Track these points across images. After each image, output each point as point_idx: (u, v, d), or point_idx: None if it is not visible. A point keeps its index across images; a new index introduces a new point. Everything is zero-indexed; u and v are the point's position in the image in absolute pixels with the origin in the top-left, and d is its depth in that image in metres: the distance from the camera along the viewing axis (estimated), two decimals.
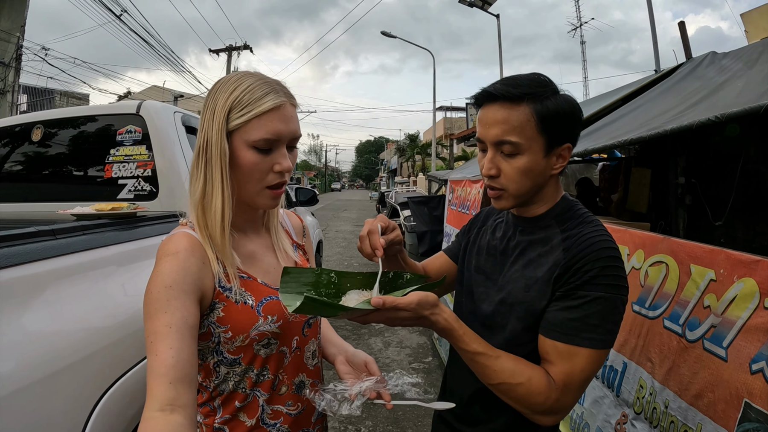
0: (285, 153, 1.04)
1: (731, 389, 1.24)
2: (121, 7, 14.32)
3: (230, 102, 1.00)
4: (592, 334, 0.96)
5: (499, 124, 1.02)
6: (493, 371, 0.98)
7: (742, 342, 1.23)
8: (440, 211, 6.84)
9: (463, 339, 0.98)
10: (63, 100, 24.79)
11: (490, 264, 1.20)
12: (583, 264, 0.98)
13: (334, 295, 1.05)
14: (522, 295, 1.07)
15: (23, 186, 2.62)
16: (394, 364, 4.55)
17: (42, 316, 1.18)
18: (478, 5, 15.65)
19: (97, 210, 1.75)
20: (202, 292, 0.97)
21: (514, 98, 1.01)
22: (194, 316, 0.91)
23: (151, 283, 0.92)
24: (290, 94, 1.06)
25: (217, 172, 1.01)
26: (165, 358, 0.82)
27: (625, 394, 1.72)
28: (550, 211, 1.12)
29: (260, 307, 1.04)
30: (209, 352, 1.03)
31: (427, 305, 0.93)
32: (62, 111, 2.67)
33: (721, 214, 3.18)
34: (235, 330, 1.00)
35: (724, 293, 1.32)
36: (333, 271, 1.07)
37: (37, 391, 1.08)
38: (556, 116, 1.02)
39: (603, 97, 4.57)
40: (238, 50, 22.09)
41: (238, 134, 1.00)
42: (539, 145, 1.02)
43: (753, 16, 9.42)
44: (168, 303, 0.88)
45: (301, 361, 1.15)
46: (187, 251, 0.97)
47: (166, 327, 0.85)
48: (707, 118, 1.89)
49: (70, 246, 1.37)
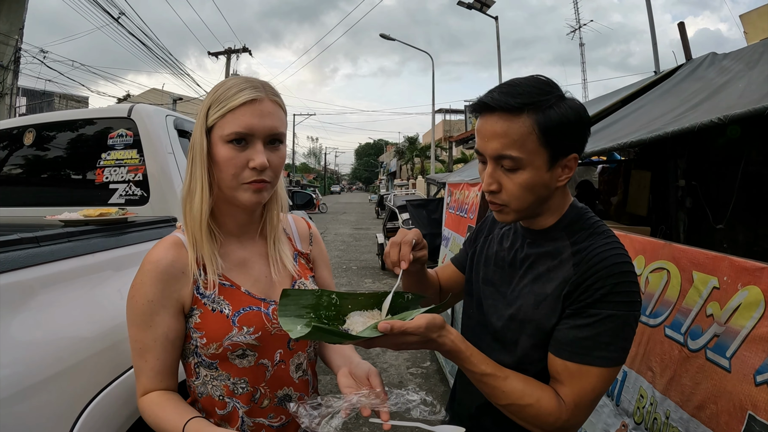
0: (260, 149, 1.03)
1: (735, 401, 1.21)
2: (119, 10, 14.30)
3: (210, 100, 1.03)
4: (604, 352, 0.93)
5: (499, 138, 0.96)
6: (501, 392, 0.96)
7: (747, 352, 1.19)
8: (439, 214, 6.81)
9: (471, 360, 0.95)
10: (62, 102, 24.79)
11: (498, 275, 1.16)
12: (594, 281, 0.94)
13: (335, 318, 1.02)
14: (532, 312, 1.03)
15: (14, 190, 2.59)
16: (392, 369, 4.51)
17: (26, 324, 1.15)
18: (477, 7, 15.65)
19: (85, 216, 1.71)
20: (182, 303, 1.04)
21: (513, 110, 0.94)
22: (175, 330, 1.03)
23: (136, 291, 1.02)
24: (272, 91, 1.07)
25: (197, 168, 1.04)
26: (153, 366, 1.02)
27: (625, 403, 1.68)
28: (559, 223, 1.07)
29: (236, 318, 1.04)
30: (190, 353, 1.08)
31: (435, 328, 0.90)
32: (54, 114, 2.64)
33: (722, 217, 3.15)
34: (209, 338, 1.03)
35: (727, 301, 1.28)
36: (334, 293, 1.04)
37: (19, 402, 1.05)
38: (560, 127, 0.94)
39: (602, 99, 4.54)
40: (237, 53, 22.10)
41: (215, 130, 1.02)
42: (542, 159, 0.96)
43: (752, 17, 9.41)
44: (151, 318, 1.00)
45: (286, 375, 1.13)
46: (168, 261, 1.03)
47: (152, 340, 1.00)
48: (710, 120, 1.86)
49: (55, 253, 1.33)
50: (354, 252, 12.15)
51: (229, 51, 22.05)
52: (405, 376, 4.36)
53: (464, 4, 15.74)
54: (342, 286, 8.17)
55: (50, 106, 23.57)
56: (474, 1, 15.58)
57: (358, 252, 12.15)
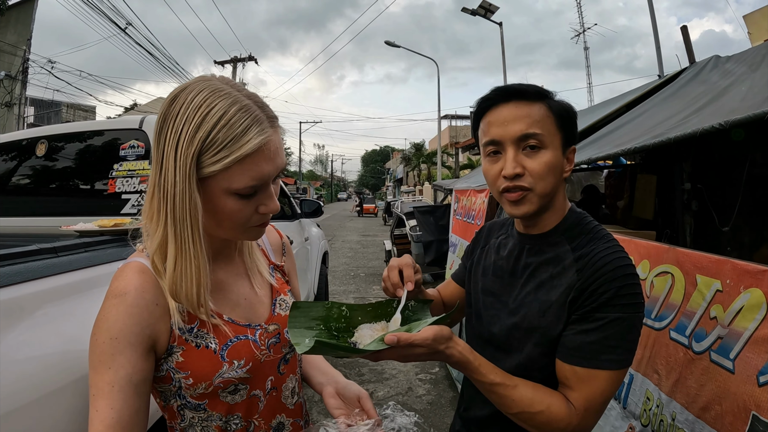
0: (271, 193, 0.91)
1: (739, 402, 1.22)
2: (126, 20, 14.47)
3: (199, 140, 0.81)
4: (612, 355, 0.94)
5: (522, 119, 1.00)
6: (511, 401, 0.96)
7: (750, 354, 1.21)
8: (446, 220, 6.81)
9: (479, 371, 0.95)
10: (70, 112, 25.01)
11: (498, 285, 1.16)
12: (598, 285, 0.95)
13: (345, 330, 1.00)
14: (538, 320, 1.03)
15: (29, 200, 2.65)
16: (401, 375, 4.52)
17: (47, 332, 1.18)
18: (481, 14, 15.70)
19: (100, 226, 1.75)
20: (154, 340, 0.87)
21: (531, 96, 1.01)
22: (141, 371, 0.84)
23: (97, 328, 0.83)
24: (273, 117, 0.90)
25: (188, 231, 0.84)
26: (105, 417, 0.79)
27: (632, 406, 1.69)
28: (559, 226, 1.08)
29: (224, 352, 0.91)
30: (171, 395, 0.93)
31: (443, 339, 0.89)
32: (66, 126, 2.70)
33: (728, 220, 3.15)
34: (197, 377, 0.89)
35: (730, 304, 1.30)
36: (344, 305, 1.03)
37: (40, 408, 1.07)
38: (567, 115, 1.03)
39: (607, 104, 4.56)
40: (243, 62, 22.28)
41: (215, 181, 0.84)
42: (558, 141, 1.02)
43: (755, 17, 9.37)
44: (112, 358, 0.81)
45: (279, 402, 1.04)
46: (137, 292, 0.85)
47: (108, 385, 0.80)
48: (711, 126, 1.88)
49: (72, 263, 1.37)
50: (362, 259, 12.17)
51: (235, 60, 22.25)
52: (414, 383, 4.37)
53: (468, 11, 15.80)
54: (350, 293, 8.18)
55: (58, 116, 23.80)
56: (478, 8, 15.63)
57: (365, 259, 12.17)
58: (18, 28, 15.03)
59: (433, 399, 4.02)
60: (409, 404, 3.92)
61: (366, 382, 4.38)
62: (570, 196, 6.00)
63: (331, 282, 8.56)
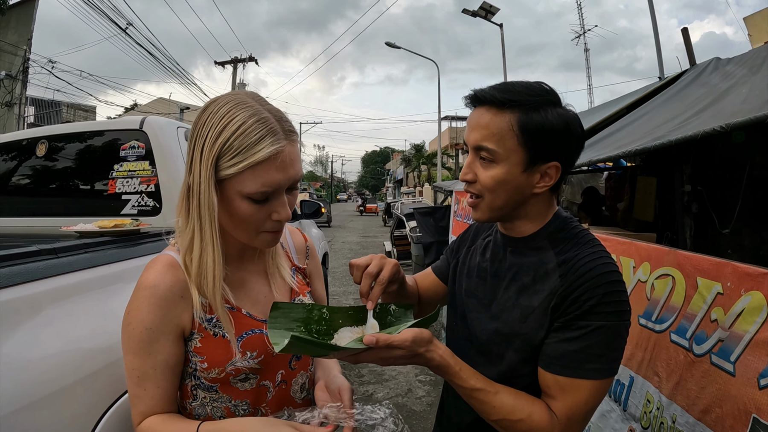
0: (284, 201, 0.97)
1: (739, 404, 1.22)
2: (126, 21, 14.47)
3: (219, 145, 0.90)
4: (596, 364, 0.92)
5: (480, 129, 0.98)
6: (492, 407, 0.94)
7: (750, 356, 1.21)
8: (446, 221, 6.80)
9: (460, 375, 0.94)
10: (70, 112, 25.01)
11: (481, 288, 1.13)
12: (581, 292, 0.93)
13: (325, 333, 1.00)
14: (518, 326, 1.01)
15: (29, 201, 2.65)
16: (401, 377, 4.52)
17: (45, 333, 1.17)
18: (481, 15, 15.72)
19: (100, 227, 1.75)
20: (182, 328, 0.98)
21: (497, 104, 0.96)
22: (176, 355, 0.98)
23: (132, 317, 0.94)
24: (290, 131, 0.97)
25: (207, 226, 0.94)
26: (154, 395, 0.96)
27: (632, 408, 1.69)
28: (542, 231, 1.05)
29: (239, 342, 1.00)
30: (187, 375, 1.02)
31: (423, 342, 0.88)
32: (67, 126, 2.70)
33: (728, 222, 3.15)
34: (211, 363, 0.98)
35: (731, 307, 1.30)
36: (325, 307, 1.03)
37: (39, 409, 1.06)
38: (540, 130, 0.94)
39: (607, 106, 4.57)
40: (244, 62, 22.27)
41: (231, 183, 0.92)
42: (518, 158, 0.96)
43: (756, 19, 9.34)
44: (150, 345, 0.94)
45: (287, 395, 1.10)
46: (166, 286, 0.95)
47: (152, 368, 0.95)
48: (711, 128, 1.88)
49: (72, 264, 1.37)
50: None
51: (235, 60, 22.22)
52: (414, 384, 4.37)
53: (469, 12, 15.82)
54: (350, 294, 8.18)
55: (58, 116, 23.80)
56: (478, 9, 15.65)
57: None
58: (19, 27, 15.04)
59: (432, 401, 4.02)
60: (409, 406, 3.92)
61: (366, 384, 4.38)
62: (570, 197, 6.00)
63: (331, 283, 8.55)
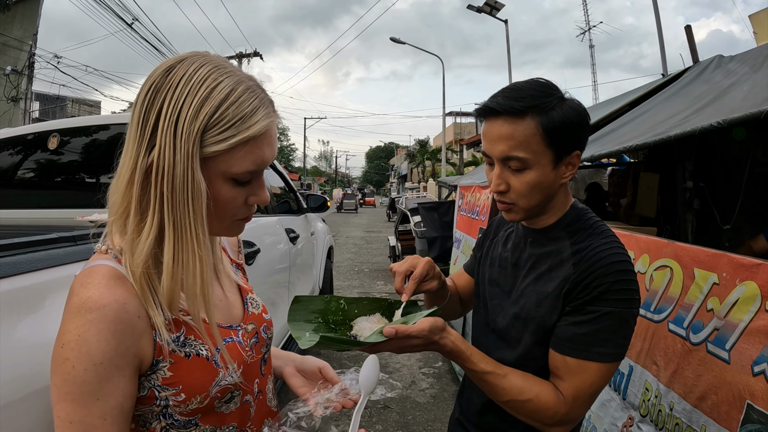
0: (263, 183, 0.84)
1: (734, 391, 1.26)
2: (132, 16, 14.52)
3: (206, 115, 0.72)
4: (602, 348, 0.97)
5: (505, 140, 0.98)
6: (501, 389, 1.00)
7: (745, 344, 1.25)
8: (450, 216, 6.83)
9: (471, 360, 1.00)
10: (75, 107, 25.09)
11: (502, 277, 1.19)
12: (592, 279, 0.98)
13: (342, 323, 1.05)
14: (534, 311, 1.07)
15: (42, 193, 2.70)
16: (405, 369, 4.57)
17: None
18: (486, 11, 15.69)
19: None
20: (140, 358, 0.74)
21: (517, 113, 0.97)
22: (132, 397, 0.74)
23: (72, 353, 0.68)
24: (273, 102, 0.83)
25: (188, 218, 0.74)
26: None
27: (632, 397, 1.73)
28: (560, 221, 1.10)
29: (217, 357, 0.82)
30: (154, 416, 0.80)
31: (437, 330, 0.95)
32: (78, 120, 2.76)
33: (730, 218, 3.18)
34: (190, 391, 0.78)
35: (726, 296, 1.34)
36: (342, 298, 1.08)
37: None
38: (562, 127, 0.98)
39: (610, 102, 4.59)
40: (249, 57, 22.29)
41: (214, 162, 0.75)
42: (547, 158, 0.99)
43: (761, 17, 9.32)
44: (100, 387, 0.69)
45: (265, 405, 0.97)
46: (118, 305, 0.71)
47: (100, 419, 0.69)
48: (710, 124, 1.91)
49: (91, 251, 1.41)
50: (366, 255, 12.21)
51: (240, 55, 22.24)
52: (417, 376, 4.42)
53: (474, 8, 15.79)
54: (354, 288, 8.23)
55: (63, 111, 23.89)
56: (484, 5, 15.62)
57: (369, 255, 12.21)
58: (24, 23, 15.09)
59: (436, 393, 4.07)
60: (413, 398, 3.97)
61: None
62: (574, 193, 5.98)
63: (336, 277, 8.60)
